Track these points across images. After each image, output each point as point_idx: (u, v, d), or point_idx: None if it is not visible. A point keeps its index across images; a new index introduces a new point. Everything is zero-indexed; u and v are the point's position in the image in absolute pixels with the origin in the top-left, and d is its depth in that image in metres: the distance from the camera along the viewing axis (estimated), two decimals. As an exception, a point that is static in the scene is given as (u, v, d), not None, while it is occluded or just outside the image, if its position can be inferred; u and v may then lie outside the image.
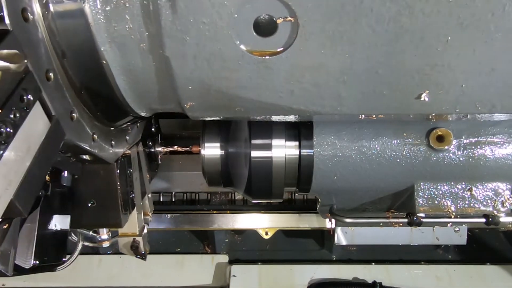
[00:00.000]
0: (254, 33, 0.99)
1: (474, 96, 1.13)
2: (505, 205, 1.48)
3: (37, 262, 1.26)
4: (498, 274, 2.36)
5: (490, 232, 2.50)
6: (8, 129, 0.83)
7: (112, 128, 1.35)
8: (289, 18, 0.97)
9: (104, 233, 1.85)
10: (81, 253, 2.35)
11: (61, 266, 1.46)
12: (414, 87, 1.11)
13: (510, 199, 1.48)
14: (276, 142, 1.52)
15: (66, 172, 1.35)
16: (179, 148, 1.98)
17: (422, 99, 1.13)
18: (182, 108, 1.21)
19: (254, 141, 1.51)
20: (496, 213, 1.48)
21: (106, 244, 1.86)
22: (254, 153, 1.51)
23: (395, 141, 1.47)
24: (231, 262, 2.46)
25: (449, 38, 1.00)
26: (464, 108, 1.17)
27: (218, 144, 1.59)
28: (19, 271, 1.22)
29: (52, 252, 1.38)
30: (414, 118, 1.33)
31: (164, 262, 2.44)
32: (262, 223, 2.34)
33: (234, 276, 2.33)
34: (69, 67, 1.04)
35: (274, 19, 0.97)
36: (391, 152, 1.47)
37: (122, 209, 1.48)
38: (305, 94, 1.13)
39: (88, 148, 1.18)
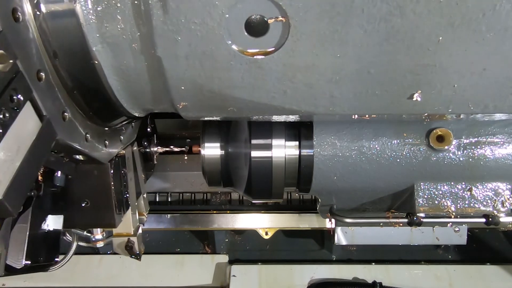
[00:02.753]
0: (246, 33, 0.99)
1: (466, 96, 1.13)
2: (505, 205, 1.48)
3: (29, 262, 1.25)
4: (498, 274, 2.36)
5: (490, 232, 2.49)
6: None
7: (106, 128, 1.35)
8: (280, 18, 0.96)
9: (98, 233, 1.84)
10: (81, 253, 2.37)
11: (55, 266, 1.44)
12: (406, 87, 1.11)
13: (510, 199, 1.48)
14: (276, 142, 1.51)
15: (59, 172, 1.34)
16: (175, 148, 1.99)
17: (414, 99, 1.12)
18: (175, 108, 1.21)
19: (254, 141, 1.51)
20: (496, 213, 1.48)
21: (100, 244, 1.86)
22: (254, 153, 1.51)
23: (395, 141, 1.47)
24: (231, 262, 2.46)
25: (441, 38, 0.99)
26: (456, 108, 1.17)
27: (218, 144, 1.58)
28: (10, 271, 1.20)
29: (45, 252, 1.37)
30: (408, 118, 1.33)
31: (164, 262, 2.44)
32: (262, 223, 2.34)
33: (234, 276, 2.33)
34: (61, 68, 1.04)
35: (266, 19, 0.97)
36: (391, 152, 1.47)
37: (116, 209, 1.48)
38: (298, 94, 1.13)
39: (80, 148, 1.18)
